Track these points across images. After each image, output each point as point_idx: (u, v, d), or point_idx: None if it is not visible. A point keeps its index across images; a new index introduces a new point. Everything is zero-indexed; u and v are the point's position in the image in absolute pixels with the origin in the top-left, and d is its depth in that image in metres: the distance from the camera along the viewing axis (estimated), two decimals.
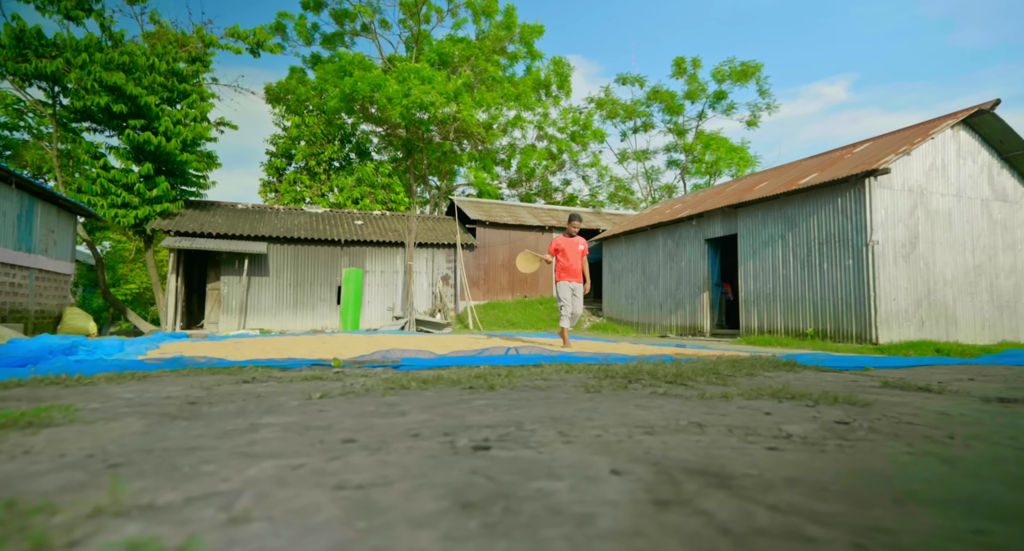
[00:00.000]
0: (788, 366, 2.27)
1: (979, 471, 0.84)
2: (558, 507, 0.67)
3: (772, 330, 11.11)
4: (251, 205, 17.40)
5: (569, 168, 26.95)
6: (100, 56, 12.20)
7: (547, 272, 18.88)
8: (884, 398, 1.53)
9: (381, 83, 17.90)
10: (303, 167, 20.87)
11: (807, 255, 10.34)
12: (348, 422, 1.19)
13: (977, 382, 1.97)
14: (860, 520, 0.63)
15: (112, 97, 12.21)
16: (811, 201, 10.33)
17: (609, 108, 26.72)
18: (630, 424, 1.14)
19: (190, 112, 14.21)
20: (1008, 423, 1.22)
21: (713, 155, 26.09)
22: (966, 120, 10.14)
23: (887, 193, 9.38)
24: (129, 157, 13.66)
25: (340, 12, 23.33)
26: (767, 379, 1.88)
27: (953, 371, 2.47)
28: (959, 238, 9.97)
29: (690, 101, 26.47)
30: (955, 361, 3.33)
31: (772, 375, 1.94)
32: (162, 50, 14.04)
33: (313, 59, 24.10)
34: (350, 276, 16.05)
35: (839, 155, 11.89)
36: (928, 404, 1.43)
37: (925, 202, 9.69)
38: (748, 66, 23.66)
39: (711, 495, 0.71)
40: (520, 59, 23.95)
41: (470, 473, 0.80)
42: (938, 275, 9.68)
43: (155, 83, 13.38)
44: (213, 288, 15.13)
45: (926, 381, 1.95)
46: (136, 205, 13.85)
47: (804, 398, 1.47)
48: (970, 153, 10.24)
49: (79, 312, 12.27)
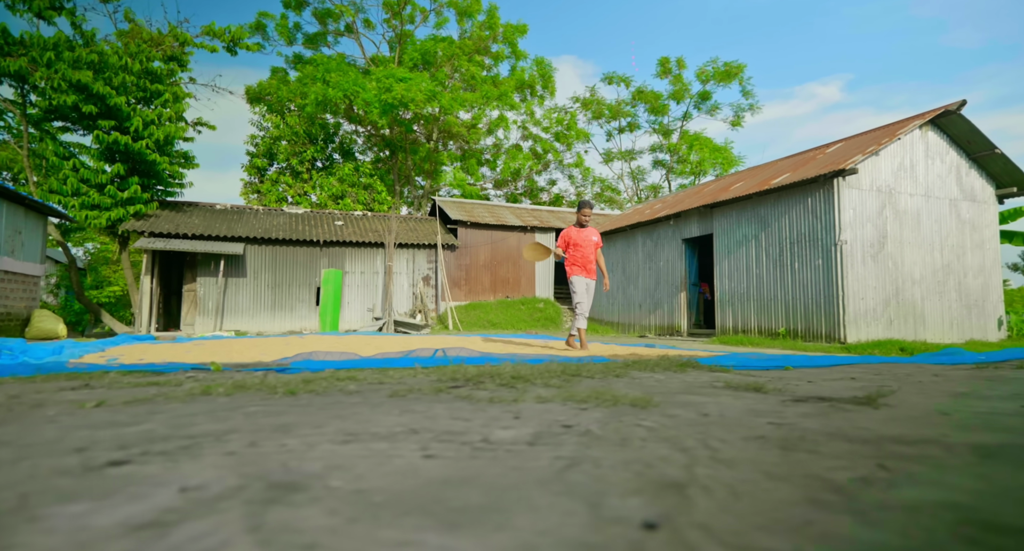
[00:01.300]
0: (681, 367, 2.25)
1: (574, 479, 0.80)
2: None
3: (746, 330, 11.16)
4: (230, 206, 17.25)
5: (555, 168, 27.00)
6: (68, 54, 12.04)
7: (529, 272, 18.86)
8: (684, 399, 1.50)
9: (359, 87, 17.82)
10: (285, 167, 20.74)
11: (779, 255, 10.39)
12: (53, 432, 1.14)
13: (828, 382, 1.96)
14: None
15: (80, 96, 12.06)
16: (783, 201, 10.38)
17: (595, 108, 26.78)
18: (333, 433, 1.10)
19: (164, 112, 14.05)
20: (738, 422, 1.20)
21: (698, 155, 26.21)
22: (935, 121, 10.23)
23: (855, 193, 9.44)
24: (101, 157, 13.49)
25: (323, 12, 23.20)
26: (618, 382, 1.86)
27: (860, 370, 2.46)
28: (928, 237, 10.05)
29: (675, 101, 26.60)
30: (883, 360, 3.34)
31: (641, 376, 1.91)
32: (135, 49, 13.88)
33: (296, 59, 23.95)
34: (329, 277, 15.94)
35: (812, 155, 11.96)
36: (715, 406, 1.41)
37: (894, 202, 9.76)
38: (731, 67, 23.78)
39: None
40: (504, 59, 23.94)
41: None
42: (906, 274, 9.76)
43: (127, 83, 13.21)
44: (189, 289, 14.98)
45: (773, 382, 1.94)
46: (108, 206, 13.68)
47: (600, 401, 1.44)
48: (938, 153, 10.33)
49: (48, 314, 12.09)
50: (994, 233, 10.89)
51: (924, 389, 1.77)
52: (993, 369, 2.56)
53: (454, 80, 21.36)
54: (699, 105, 26.12)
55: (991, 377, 2.11)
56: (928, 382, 1.96)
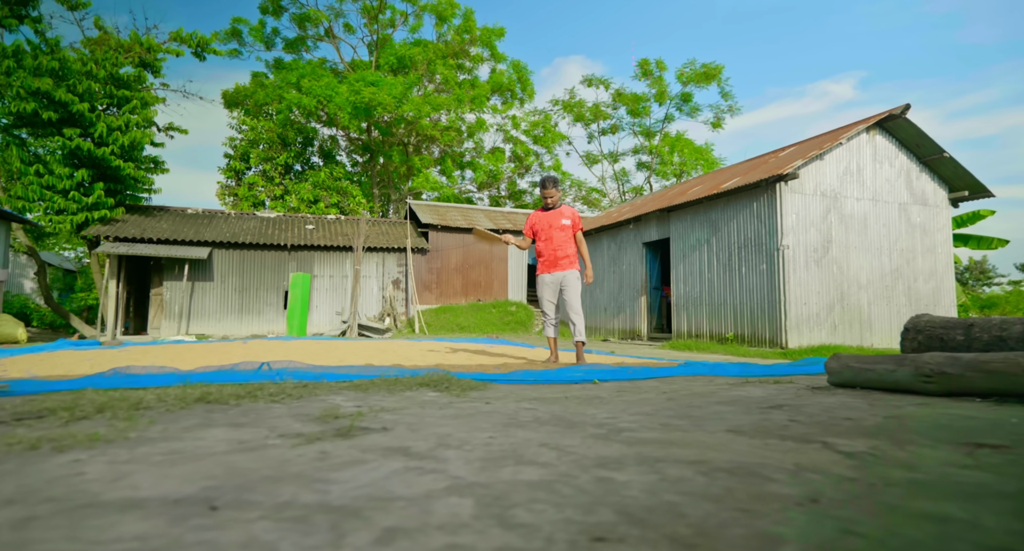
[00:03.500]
0: (434, 384, 2.29)
1: None
2: None
3: (699, 334, 11.16)
4: (202, 210, 17.32)
5: (536, 171, 27.02)
6: (29, 62, 12.13)
7: (501, 275, 18.89)
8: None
9: (332, 92, 17.91)
10: (260, 171, 20.84)
11: (728, 259, 10.39)
12: None
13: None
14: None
15: (41, 103, 12.15)
16: (732, 206, 10.39)
17: (576, 111, 26.80)
18: None
19: (131, 118, 14.14)
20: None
21: (680, 157, 26.22)
22: (883, 125, 10.22)
23: (799, 198, 9.44)
24: (65, 163, 13.59)
25: (301, 16, 23.30)
26: (354, 398, 1.87)
27: (678, 382, 2.46)
28: (875, 242, 10.04)
29: (658, 103, 26.60)
30: (728, 369, 3.34)
31: (409, 394, 1.91)
32: (102, 56, 13.97)
33: (276, 63, 24.05)
34: (297, 281, 16.01)
35: (765, 160, 11.96)
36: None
37: (839, 206, 9.76)
38: (709, 68, 23.78)
39: None
40: (483, 61, 23.99)
41: None
42: (852, 279, 9.74)
43: (92, 89, 13.30)
44: (156, 293, 15.06)
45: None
46: (74, 211, 13.77)
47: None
48: (887, 157, 10.31)
49: (8, 318, 12.18)
50: (947, 237, 10.86)
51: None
52: (757, 383, 2.57)
53: (429, 84, 21.42)
54: (680, 107, 26.12)
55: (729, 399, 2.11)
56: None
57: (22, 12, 13.08)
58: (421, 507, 0.79)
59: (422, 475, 0.97)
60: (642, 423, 1.48)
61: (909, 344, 2.32)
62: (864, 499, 0.84)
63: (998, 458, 1.09)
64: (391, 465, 1.04)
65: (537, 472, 0.98)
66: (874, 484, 0.92)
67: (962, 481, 0.93)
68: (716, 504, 0.81)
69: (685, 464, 1.03)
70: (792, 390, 2.19)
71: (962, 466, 1.02)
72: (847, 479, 0.95)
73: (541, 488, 0.89)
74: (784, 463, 1.04)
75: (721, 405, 1.83)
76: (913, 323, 2.36)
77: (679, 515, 0.76)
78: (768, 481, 0.93)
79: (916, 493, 0.87)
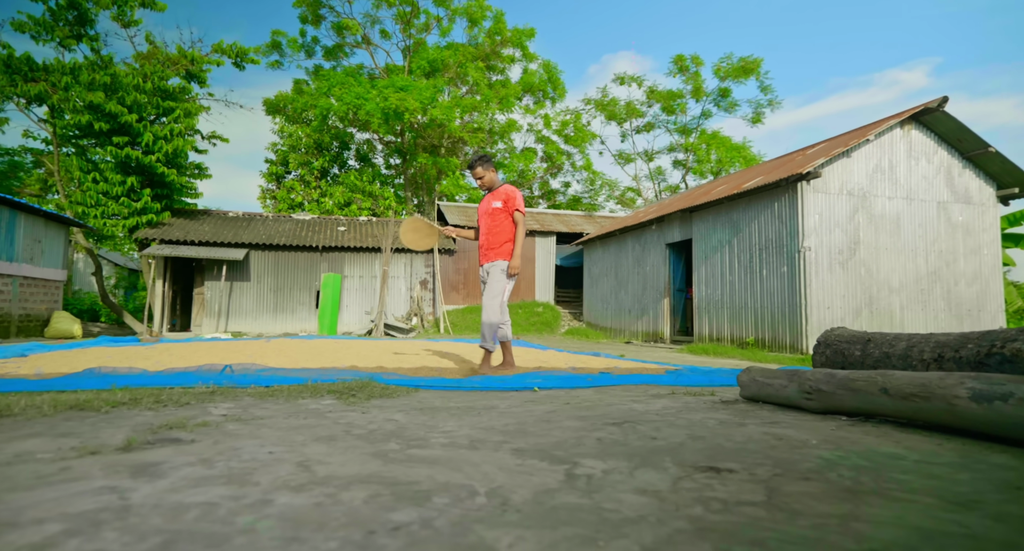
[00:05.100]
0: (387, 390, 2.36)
1: None
2: None
3: (720, 338, 10.85)
4: (241, 213, 18.20)
5: (568, 170, 26.87)
6: (85, 77, 13.11)
7: (528, 276, 18.90)
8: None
9: (363, 99, 18.43)
10: (298, 176, 21.68)
11: (750, 261, 10.05)
12: None
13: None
14: None
15: (94, 115, 13.12)
16: (753, 206, 10.04)
17: (609, 109, 26.46)
18: None
19: (175, 127, 15.02)
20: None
21: (717, 154, 25.44)
22: (920, 119, 9.62)
23: (822, 197, 9.02)
24: (117, 171, 14.60)
25: (339, 25, 24.07)
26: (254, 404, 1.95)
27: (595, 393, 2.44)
28: (909, 243, 9.47)
29: (694, 99, 25.91)
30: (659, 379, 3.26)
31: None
32: (150, 70, 14.92)
33: (316, 71, 24.96)
34: (328, 281, 16.56)
35: (791, 157, 11.48)
36: None
37: (868, 206, 9.26)
38: (747, 62, 22.93)
39: None
40: (515, 62, 24.06)
41: None
42: (882, 282, 9.23)
43: (139, 101, 14.23)
44: (198, 292, 15.94)
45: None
46: (125, 215, 14.77)
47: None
48: (924, 153, 9.70)
49: (66, 315, 13.20)
50: (994, 237, 10.12)
51: None
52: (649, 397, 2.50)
53: (461, 87, 21.66)
54: (718, 102, 25.33)
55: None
56: None
57: (80, 32, 14.12)
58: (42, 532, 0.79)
59: (100, 495, 0.97)
60: (462, 440, 1.49)
61: (818, 358, 2.21)
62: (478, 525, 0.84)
63: (708, 481, 1.08)
64: (95, 484, 1.05)
65: (222, 490, 1.00)
66: (514, 505, 0.90)
67: (617, 509, 0.91)
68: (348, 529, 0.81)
69: (403, 486, 1.05)
70: (696, 404, 2.14)
71: (640, 491, 1.01)
72: (526, 502, 0.94)
73: (213, 508, 0.90)
74: (498, 481, 1.06)
75: (573, 420, 1.83)
76: (825, 336, 2.25)
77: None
78: (461, 501, 0.94)
79: (531, 518, 0.85)
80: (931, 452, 1.30)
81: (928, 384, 1.37)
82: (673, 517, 0.88)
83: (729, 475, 1.13)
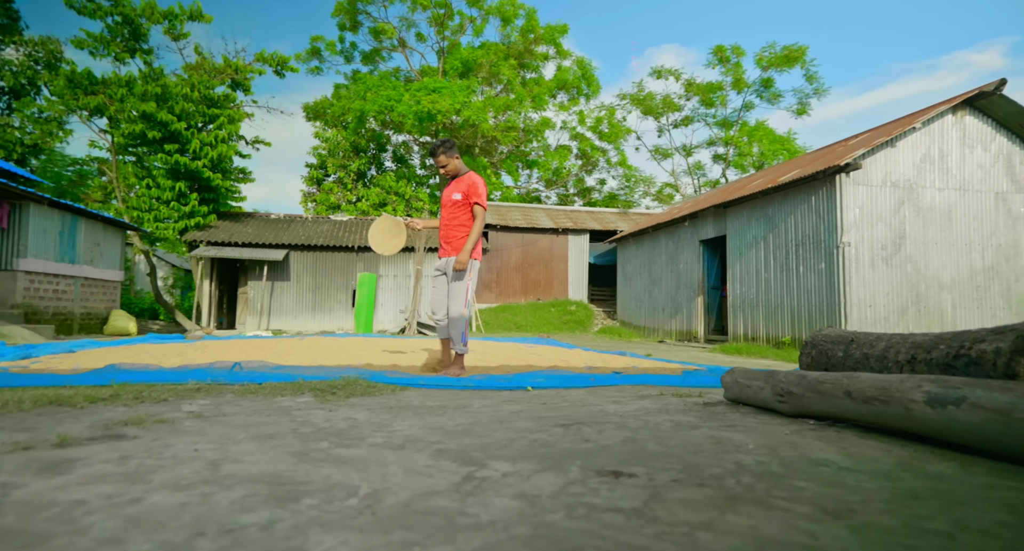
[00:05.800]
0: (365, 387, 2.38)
1: None
2: None
3: (755, 338, 10.46)
4: (283, 215, 18.89)
5: (603, 167, 26.52)
6: (138, 88, 13.95)
7: (561, 274, 18.78)
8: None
9: (395, 102, 18.79)
10: (336, 179, 22.33)
11: (785, 258, 9.64)
12: None
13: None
14: None
15: (147, 124, 13.93)
16: (789, 200, 9.62)
17: (645, 104, 25.92)
18: None
19: (219, 134, 15.76)
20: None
21: (760, 147, 24.52)
22: (975, 104, 8.95)
23: (863, 190, 8.54)
24: (167, 176, 15.45)
25: (376, 30, 24.62)
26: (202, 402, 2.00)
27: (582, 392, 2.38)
28: (963, 237, 8.84)
29: (735, 91, 25.07)
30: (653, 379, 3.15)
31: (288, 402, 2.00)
32: (198, 80, 15.71)
33: (354, 75, 25.64)
34: (364, 280, 16.98)
35: (832, 149, 10.92)
36: None
37: (915, 198, 8.70)
38: (791, 50, 21.96)
39: None
40: (549, 59, 23.94)
41: None
42: (932, 279, 8.65)
43: (187, 110, 15.00)
44: (242, 292, 16.66)
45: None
46: (175, 219, 15.61)
47: None
48: (980, 140, 9.03)
49: (123, 314, 14.06)
50: None
51: None
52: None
53: (497, 86, 21.74)
54: (760, 93, 24.39)
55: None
56: None
57: (134, 46, 15.00)
58: None
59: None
60: (398, 440, 1.47)
61: (805, 359, 2.08)
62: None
63: (598, 486, 1.04)
64: None
65: (107, 489, 1.00)
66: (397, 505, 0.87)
67: (476, 515, 0.87)
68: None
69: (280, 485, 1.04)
70: (675, 406, 2.05)
71: (520, 496, 0.97)
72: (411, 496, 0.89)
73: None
74: (391, 482, 1.04)
75: (528, 421, 1.78)
76: (812, 336, 2.11)
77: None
78: (329, 503, 0.93)
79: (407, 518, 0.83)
80: (870, 460, 1.20)
81: (888, 387, 1.27)
82: (521, 523, 0.85)
83: (627, 480, 1.08)
